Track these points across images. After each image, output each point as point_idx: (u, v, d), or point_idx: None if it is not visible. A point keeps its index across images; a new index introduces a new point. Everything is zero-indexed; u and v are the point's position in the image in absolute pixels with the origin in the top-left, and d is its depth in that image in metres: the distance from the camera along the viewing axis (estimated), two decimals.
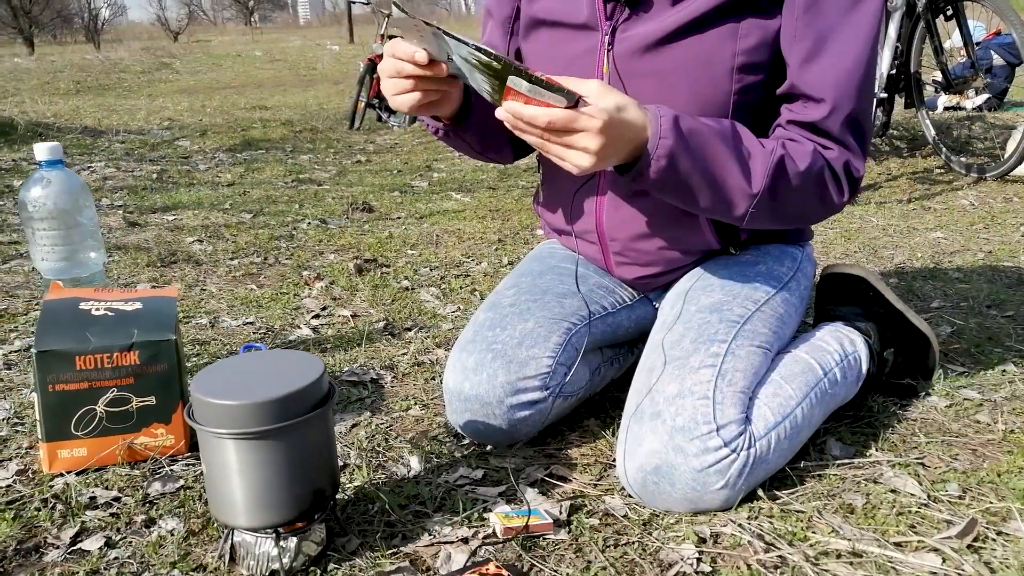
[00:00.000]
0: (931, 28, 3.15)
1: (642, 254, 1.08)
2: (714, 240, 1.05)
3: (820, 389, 0.97)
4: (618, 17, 0.95)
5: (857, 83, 0.89)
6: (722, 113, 0.94)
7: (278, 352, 0.85)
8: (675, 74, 0.93)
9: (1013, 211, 2.59)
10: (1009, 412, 1.15)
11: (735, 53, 0.91)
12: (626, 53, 0.95)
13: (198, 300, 1.70)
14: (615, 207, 1.05)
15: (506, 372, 1.00)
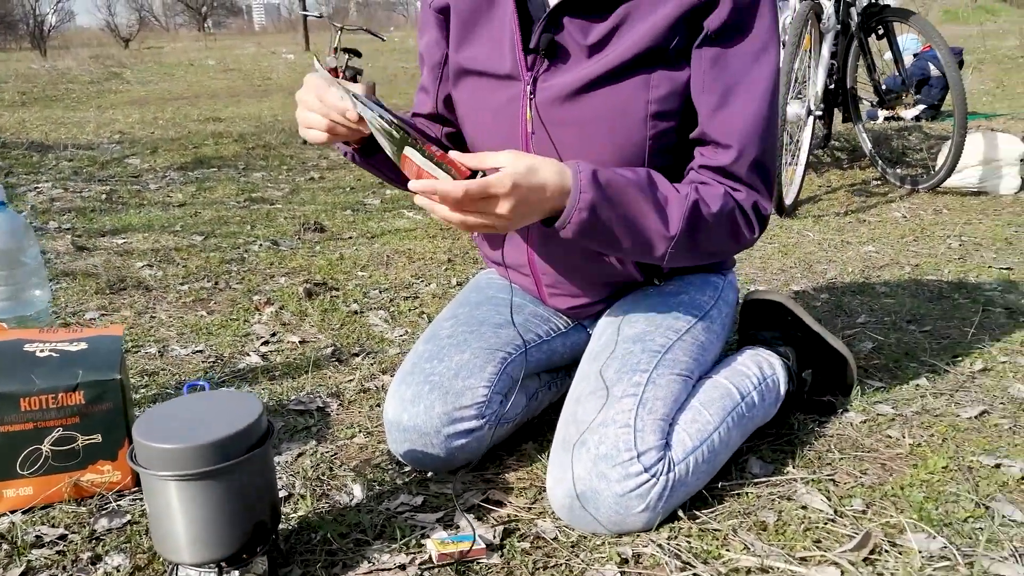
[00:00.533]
0: (864, 47, 3.28)
1: (572, 286, 1.14)
2: (637, 273, 1.11)
3: (738, 413, 1.04)
4: (538, 68, 1.01)
5: (760, 131, 0.96)
6: (639, 156, 1.00)
7: (219, 393, 0.88)
8: (594, 122, 0.99)
9: (942, 223, 2.71)
10: (917, 426, 1.23)
11: (648, 102, 0.98)
12: (547, 102, 1.01)
13: (147, 328, 1.71)
14: (545, 243, 1.11)
15: (443, 403, 1.05)
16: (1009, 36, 8.93)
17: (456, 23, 1.07)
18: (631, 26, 0.96)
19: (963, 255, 2.30)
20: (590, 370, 1.03)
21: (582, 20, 0.98)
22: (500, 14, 1.04)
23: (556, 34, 0.99)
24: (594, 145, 1.00)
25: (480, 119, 1.08)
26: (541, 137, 1.03)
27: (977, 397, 1.33)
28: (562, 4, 0.97)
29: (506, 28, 1.02)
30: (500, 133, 1.06)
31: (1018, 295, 1.89)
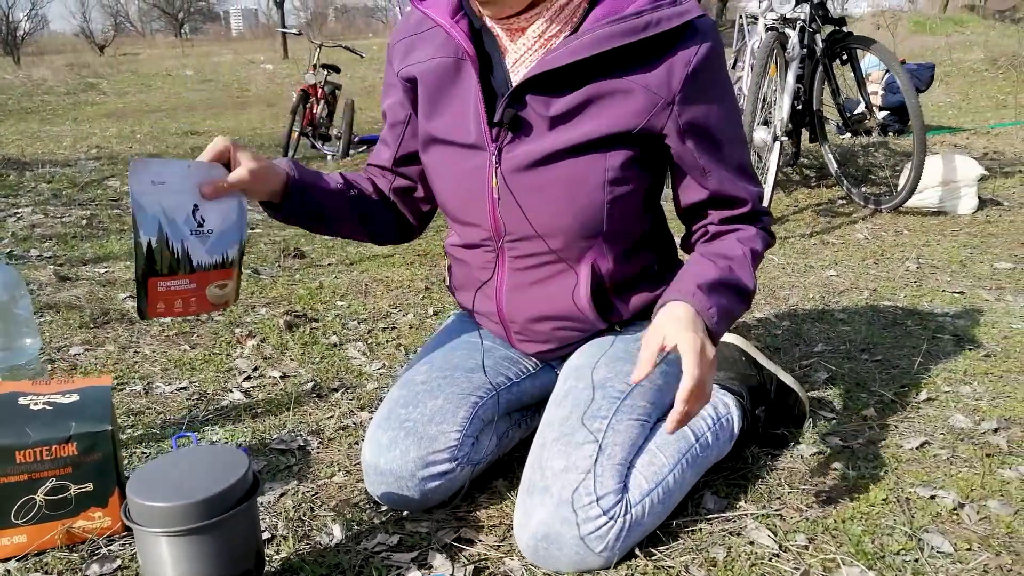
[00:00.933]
0: (828, 72, 3.40)
1: (539, 334, 1.21)
2: (599, 322, 1.18)
3: (692, 454, 1.12)
4: (503, 140, 1.08)
5: (750, 169, 1.13)
6: (598, 217, 1.08)
7: (206, 449, 0.95)
8: (555, 187, 1.07)
9: (901, 245, 2.82)
10: (863, 458, 1.32)
11: (605, 170, 1.06)
12: (512, 170, 1.08)
13: (132, 364, 1.77)
14: (513, 295, 1.19)
15: (417, 448, 1.11)
16: (975, 48, 9.15)
17: (424, 94, 1.14)
18: (597, 110, 1.04)
19: (919, 278, 2.40)
20: (554, 416, 1.10)
21: (544, 96, 1.06)
22: (465, 87, 1.10)
23: (519, 109, 1.06)
24: (556, 208, 1.08)
25: (448, 182, 1.16)
26: (507, 201, 1.10)
27: (919, 428, 1.42)
28: (524, 84, 1.04)
29: (471, 102, 1.09)
30: (467, 196, 1.13)
31: (966, 320, 1.99)
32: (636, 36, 1.00)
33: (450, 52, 1.11)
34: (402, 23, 1.19)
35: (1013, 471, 1.26)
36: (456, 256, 1.25)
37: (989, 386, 1.59)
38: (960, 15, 13.89)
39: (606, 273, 1.15)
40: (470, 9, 1.09)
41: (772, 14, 3.06)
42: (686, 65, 1.03)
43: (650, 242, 1.21)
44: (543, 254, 1.14)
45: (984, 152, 4.45)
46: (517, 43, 1.07)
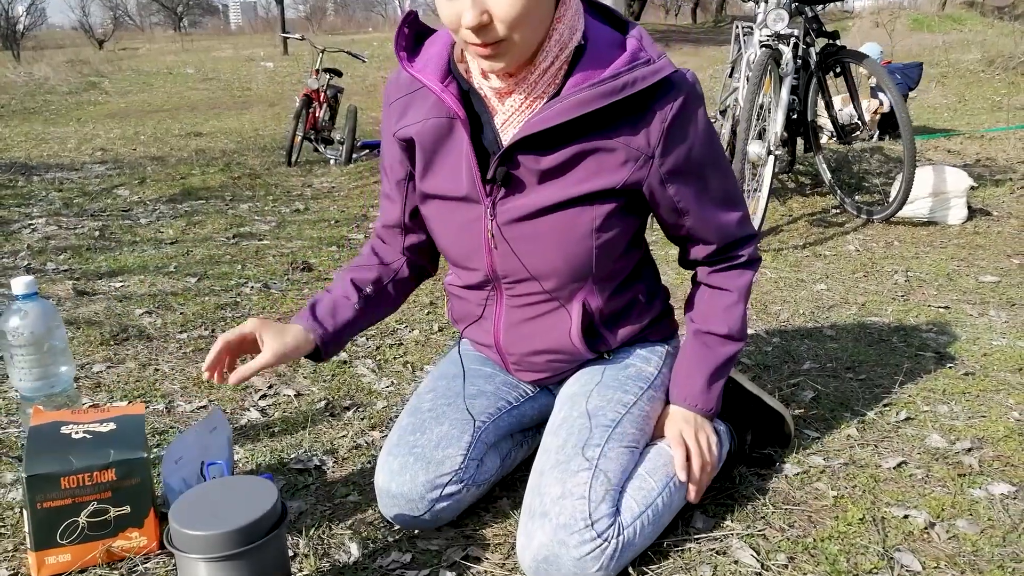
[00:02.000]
0: (822, 84, 3.48)
1: (534, 364, 1.31)
2: (588, 354, 1.28)
3: (679, 478, 1.21)
4: (496, 195, 1.17)
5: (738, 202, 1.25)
6: (587, 260, 1.18)
7: (238, 480, 1.04)
8: (547, 236, 1.16)
9: (891, 256, 2.91)
10: (843, 478, 1.41)
11: (593, 218, 1.15)
12: (506, 222, 1.17)
13: (152, 382, 1.86)
14: (509, 330, 1.28)
15: (425, 472, 1.21)
16: (973, 48, 9.21)
17: (420, 154, 1.22)
18: (583, 167, 1.13)
19: (907, 292, 2.49)
20: (551, 444, 1.20)
21: (533, 154, 1.13)
22: (458, 146, 1.18)
23: (511, 167, 1.14)
24: (548, 255, 1.18)
25: (447, 234, 1.25)
26: (503, 249, 1.19)
27: (898, 447, 1.52)
28: (515, 144, 1.12)
29: (463, 160, 1.17)
30: (466, 244, 1.22)
31: (949, 337, 2.09)
32: (614, 97, 1.07)
33: (442, 113, 1.17)
34: (395, 79, 1.24)
35: (982, 490, 1.36)
36: (456, 294, 1.35)
37: (966, 405, 1.68)
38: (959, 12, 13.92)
39: (596, 309, 1.25)
40: (458, 73, 1.15)
41: (766, 30, 3.14)
42: (663, 121, 1.11)
43: (637, 276, 1.31)
44: (537, 294, 1.24)
45: (976, 159, 4.53)
46: (505, 104, 1.13)
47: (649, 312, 1.33)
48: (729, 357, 1.28)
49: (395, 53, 1.16)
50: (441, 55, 1.15)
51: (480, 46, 1.01)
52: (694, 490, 1.23)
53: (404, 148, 1.24)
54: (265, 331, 1.19)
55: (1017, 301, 2.36)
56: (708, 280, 1.30)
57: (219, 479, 1.05)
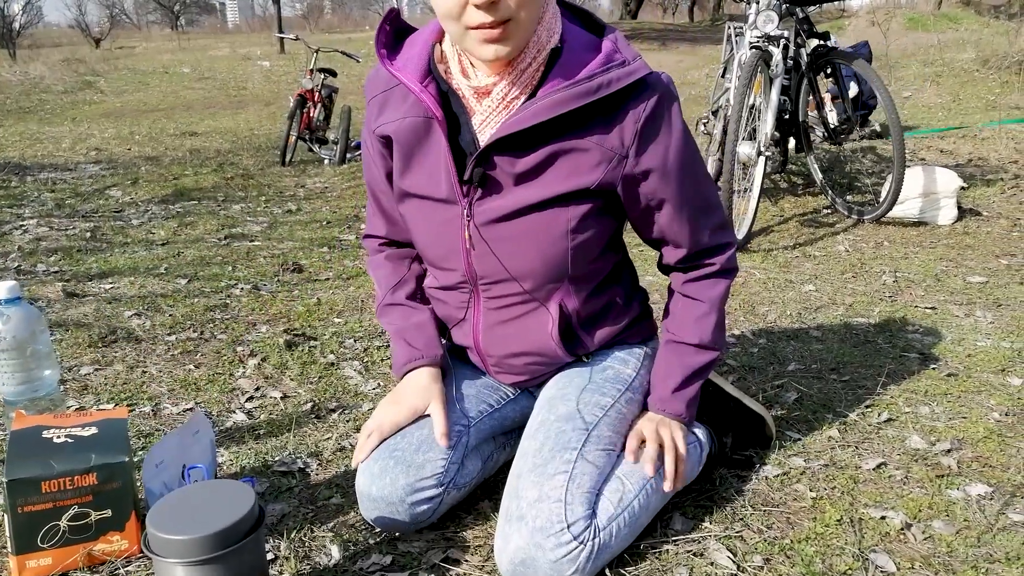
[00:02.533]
0: (813, 85, 3.49)
1: (513, 367, 1.32)
2: (565, 355, 1.29)
3: (656, 480, 1.22)
4: (473, 196, 1.18)
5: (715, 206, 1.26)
6: (563, 260, 1.20)
7: (216, 484, 1.04)
8: (523, 237, 1.18)
9: (881, 257, 2.92)
10: (823, 479, 1.42)
11: (568, 219, 1.17)
12: (483, 222, 1.19)
13: (140, 384, 1.86)
14: (488, 332, 1.30)
15: (406, 475, 1.21)
16: (967, 47, 9.22)
17: (398, 152, 1.23)
18: (558, 168, 1.14)
19: (895, 292, 2.50)
20: (528, 448, 1.20)
21: (509, 156, 1.15)
22: (435, 146, 1.19)
23: (487, 168, 1.16)
24: (524, 255, 1.19)
25: (425, 233, 1.26)
26: (481, 249, 1.21)
27: (878, 448, 1.53)
28: (491, 145, 1.13)
29: (441, 160, 1.18)
30: (443, 245, 1.24)
31: (934, 337, 2.10)
32: (589, 98, 1.09)
33: (420, 112, 1.18)
34: (375, 75, 1.25)
35: (959, 491, 1.37)
36: (435, 296, 1.36)
37: (947, 406, 1.69)
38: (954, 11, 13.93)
39: (572, 311, 1.26)
40: (437, 73, 1.16)
41: (756, 31, 3.14)
42: (636, 121, 1.13)
43: (615, 278, 1.32)
44: (515, 295, 1.25)
45: (969, 158, 4.54)
46: (483, 104, 1.14)
47: (627, 314, 1.34)
48: (702, 366, 1.29)
49: (375, 50, 1.18)
50: (421, 55, 1.16)
51: (488, 27, 1.02)
52: (668, 483, 1.22)
53: (384, 145, 1.25)
54: (413, 405, 1.27)
55: (1004, 302, 2.37)
56: (682, 289, 1.31)
57: (198, 483, 1.06)
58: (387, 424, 1.24)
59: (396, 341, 1.34)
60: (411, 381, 1.29)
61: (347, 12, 61.62)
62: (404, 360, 1.31)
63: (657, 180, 1.17)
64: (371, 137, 1.27)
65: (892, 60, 8.27)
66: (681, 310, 1.31)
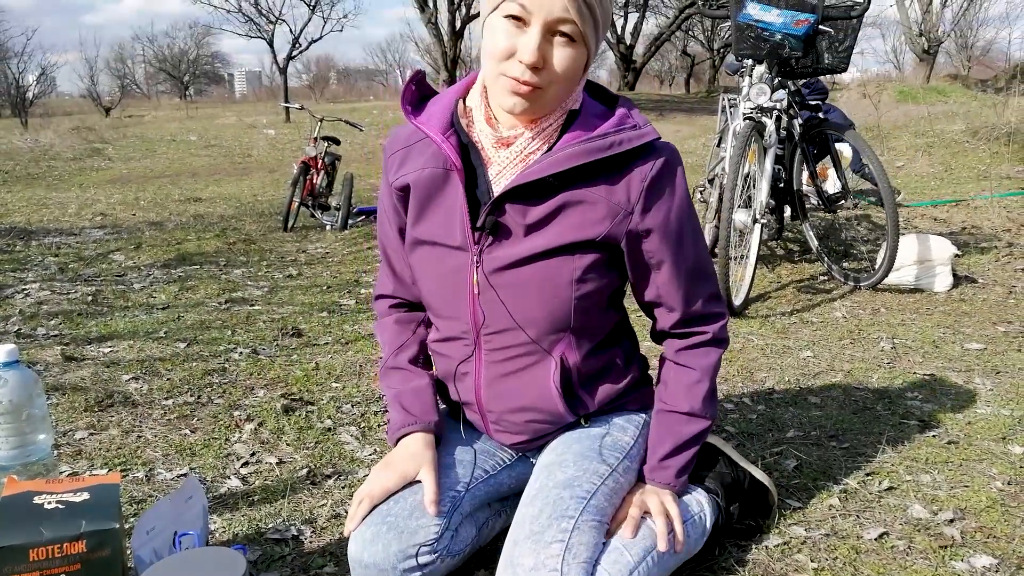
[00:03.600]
0: (806, 155, 3.56)
1: (514, 424, 1.32)
2: (566, 412, 1.29)
3: (658, 552, 1.20)
4: (484, 243, 1.22)
5: (708, 274, 1.28)
6: (566, 309, 1.22)
7: (208, 551, 1.03)
8: (529, 284, 1.21)
9: (878, 324, 2.93)
10: (824, 549, 1.40)
11: (574, 269, 1.21)
12: (492, 270, 1.22)
13: (134, 449, 1.85)
14: (490, 385, 1.30)
15: (398, 541, 1.19)
16: (957, 119, 9.43)
17: (414, 200, 1.28)
18: (566, 218, 1.19)
19: (893, 359, 2.50)
20: (525, 515, 1.19)
21: (521, 205, 1.20)
22: (452, 195, 1.24)
23: (499, 216, 1.20)
24: (529, 303, 1.22)
25: (433, 279, 1.29)
26: (487, 296, 1.24)
27: (880, 518, 1.50)
28: (504, 194, 1.18)
29: (456, 208, 1.23)
30: (450, 292, 1.27)
31: (934, 404, 2.09)
32: (601, 154, 1.16)
33: (439, 163, 1.25)
34: (395, 134, 1.33)
35: (964, 563, 1.34)
36: (437, 351, 1.37)
37: (948, 475, 1.67)
38: (943, 84, 14.29)
39: (573, 366, 1.27)
40: (459, 126, 1.23)
41: (749, 103, 3.23)
42: (642, 179, 1.19)
43: (615, 339, 1.34)
44: (517, 345, 1.26)
45: (962, 226, 4.60)
46: (501, 155, 1.21)
47: (626, 377, 1.34)
48: (693, 435, 1.30)
49: (401, 107, 1.26)
50: (445, 109, 1.24)
51: (520, 83, 1.10)
52: (663, 541, 1.21)
53: (400, 197, 1.30)
54: (404, 471, 1.25)
55: (1002, 369, 2.37)
56: (675, 358, 1.33)
57: (189, 550, 1.05)
58: (377, 490, 1.23)
59: (393, 406, 1.34)
60: (404, 447, 1.29)
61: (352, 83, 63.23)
62: (398, 425, 1.31)
63: (658, 239, 1.21)
64: (388, 190, 1.32)
65: (884, 131, 8.44)
66: (673, 378, 1.32)
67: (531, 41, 1.08)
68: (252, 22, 20.38)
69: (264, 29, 20.29)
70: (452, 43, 17.32)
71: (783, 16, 3.10)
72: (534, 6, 1.07)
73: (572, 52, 1.10)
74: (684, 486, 1.31)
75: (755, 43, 3.24)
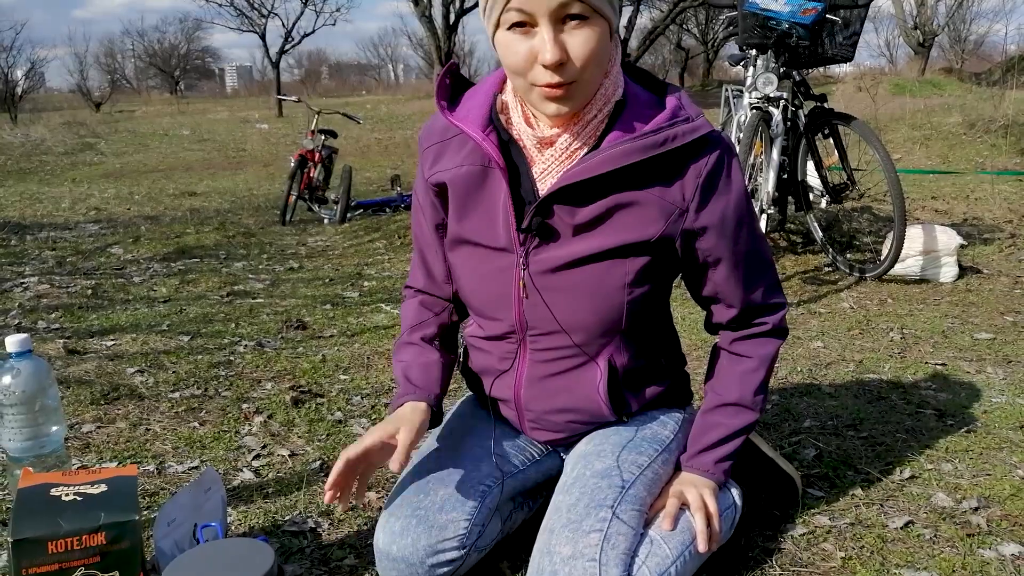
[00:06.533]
0: (812, 146, 3.54)
1: (553, 424, 1.29)
2: (609, 413, 1.26)
3: (695, 545, 1.18)
4: (530, 244, 1.17)
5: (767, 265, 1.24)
6: (618, 315, 1.18)
7: (233, 542, 1.01)
8: (579, 288, 1.16)
9: (886, 314, 2.92)
10: (850, 538, 1.38)
11: (625, 273, 1.16)
12: (538, 272, 1.17)
13: (143, 442, 1.82)
14: (532, 385, 1.27)
15: (427, 536, 1.17)
16: (953, 112, 9.44)
17: (454, 198, 1.22)
18: (618, 220, 1.14)
19: (903, 349, 2.49)
20: (562, 503, 1.17)
21: (569, 205, 1.14)
22: (493, 192, 1.18)
23: (546, 217, 1.15)
24: (579, 307, 1.17)
25: (475, 280, 1.24)
26: (534, 300, 1.19)
27: (904, 507, 1.49)
28: (551, 194, 1.13)
29: (500, 207, 1.18)
30: (495, 293, 1.22)
31: (948, 394, 2.08)
32: (654, 152, 1.10)
33: (477, 161, 1.18)
34: (429, 127, 1.26)
35: (992, 551, 1.33)
36: (476, 346, 1.33)
37: (969, 463, 1.66)
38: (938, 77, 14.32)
39: (621, 367, 1.24)
40: (499, 123, 1.17)
41: (756, 93, 3.21)
42: (697, 176, 1.13)
43: (660, 339, 1.31)
44: (564, 348, 1.22)
45: (964, 217, 4.60)
46: (545, 154, 1.15)
47: (669, 377, 1.32)
48: (738, 428, 1.26)
49: (436, 102, 1.19)
50: (483, 105, 1.18)
51: (553, 87, 1.03)
52: (701, 542, 1.17)
53: (437, 193, 1.25)
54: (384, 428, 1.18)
55: (1013, 358, 2.36)
56: (730, 347, 1.29)
57: (213, 542, 1.02)
58: (354, 449, 1.15)
59: (399, 378, 1.30)
60: (395, 411, 1.24)
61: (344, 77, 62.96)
62: (399, 395, 1.26)
63: (715, 236, 1.16)
64: (424, 185, 1.27)
65: (881, 124, 8.44)
66: (726, 366, 1.28)
67: (545, 40, 1.00)
68: (244, 16, 20.27)
69: (256, 23, 20.18)
70: (446, 37, 17.24)
71: (790, 4, 3.08)
72: (532, 5, 0.99)
73: (590, 31, 1.01)
74: (725, 477, 1.27)
75: (762, 32, 3.21)
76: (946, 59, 19.00)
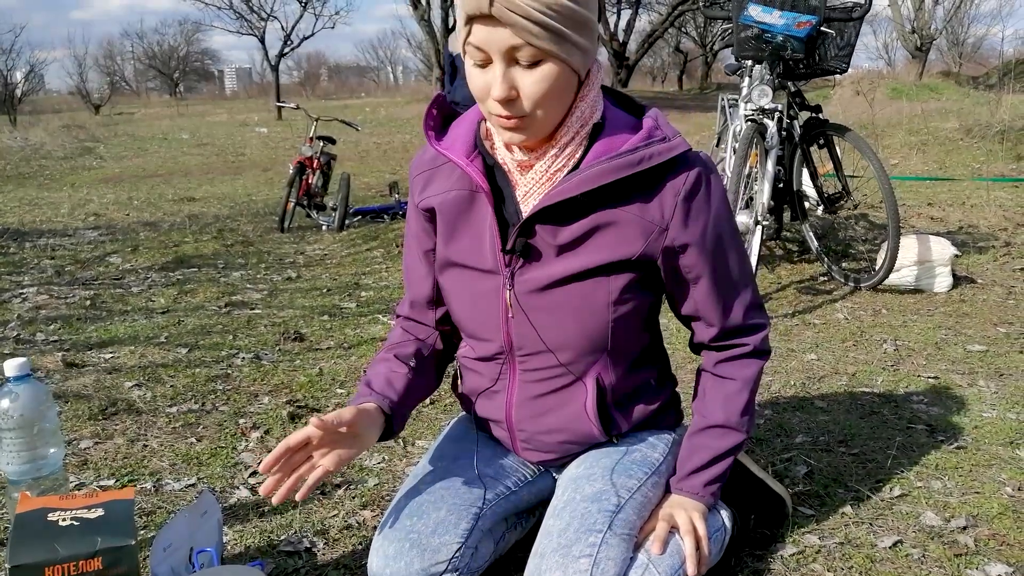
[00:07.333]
0: (807, 156, 3.56)
1: (544, 444, 1.31)
2: (600, 433, 1.28)
3: (685, 568, 1.19)
4: (515, 265, 1.20)
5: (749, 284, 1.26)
6: (603, 333, 1.20)
7: (228, 569, 1.02)
8: (563, 307, 1.19)
9: (880, 325, 2.93)
10: (839, 558, 1.40)
11: (609, 291, 1.18)
12: (523, 292, 1.20)
13: (140, 459, 1.83)
14: (522, 405, 1.29)
15: (421, 559, 1.19)
16: (950, 116, 9.47)
17: (442, 222, 1.26)
18: (599, 239, 1.16)
19: (896, 361, 2.51)
20: (552, 527, 1.18)
21: (552, 225, 1.17)
22: (480, 216, 1.22)
23: (529, 238, 1.18)
24: (565, 326, 1.20)
25: (464, 302, 1.27)
26: (520, 319, 1.22)
27: (893, 526, 1.51)
28: (534, 215, 1.16)
29: (486, 230, 1.21)
30: (483, 314, 1.25)
31: (940, 408, 2.09)
32: (630, 171, 1.13)
33: (465, 185, 1.23)
34: (420, 156, 1.31)
35: (979, 571, 1.35)
36: (468, 367, 1.35)
37: (959, 481, 1.68)
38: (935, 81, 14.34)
39: (609, 386, 1.26)
40: (484, 148, 1.20)
41: (751, 105, 3.23)
42: (675, 194, 1.16)
43: (649, 358, 1.33)
44: (552, 367, 1.25)
45: (959, 225, 4.61)
46: (526, 177, 1.18)
47: (659, 397, 1.34)
48: (725, 449, 1.27)
49: (424, 132, 1.23)
50: (468, 132, 1.22)
51: (505, 118, 1.07)
52: (690, 566, 1.18)
53: (428, 219, 1.29)
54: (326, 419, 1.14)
55: (1005, 371, 2.38)
56: (714, 370, 1.31)
57: (207, 568, 1.04)
58: (294, 437, 1.13)
59: (360, 387, 1.30)
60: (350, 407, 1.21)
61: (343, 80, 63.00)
62: (353, 400, 1.26)
63: (695, 254, 1.19)
64: (415, 211, 1.30)
65: (878, 129, 8.46)
66: (711, 389, 1.30)
67: (495, 77, 1.05)
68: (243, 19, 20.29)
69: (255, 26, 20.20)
70: (445, 40, 17.28)
71: (785, 18, 3.10)
72: (485, 43, 1.04)
73: (541, 74, 1.05)
74: (713, 499, 1.28)
75: (756, 45, 3.23)
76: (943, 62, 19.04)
